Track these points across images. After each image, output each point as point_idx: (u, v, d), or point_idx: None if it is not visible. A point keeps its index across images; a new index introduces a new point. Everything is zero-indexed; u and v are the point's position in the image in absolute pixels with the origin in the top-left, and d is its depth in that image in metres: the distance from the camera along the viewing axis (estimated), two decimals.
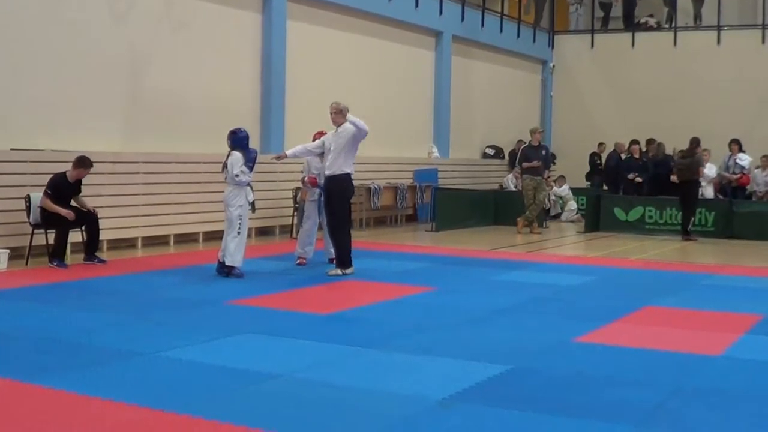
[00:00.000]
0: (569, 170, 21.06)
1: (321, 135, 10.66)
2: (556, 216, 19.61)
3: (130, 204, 12.42)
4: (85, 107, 12.35)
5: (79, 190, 10.71)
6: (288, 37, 15.58)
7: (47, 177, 10.51)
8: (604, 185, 19.61)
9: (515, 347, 6.59)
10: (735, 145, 18.60)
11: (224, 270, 9.88)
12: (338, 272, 10.15)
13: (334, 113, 10.18)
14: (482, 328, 7.37)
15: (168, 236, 13.12)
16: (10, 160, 11.05)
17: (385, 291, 9.24)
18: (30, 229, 10.64)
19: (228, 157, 9.94)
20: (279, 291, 9.13)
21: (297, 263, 11.02)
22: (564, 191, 19.71)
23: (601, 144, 21.24)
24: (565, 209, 19.62)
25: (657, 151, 18.59)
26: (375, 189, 16.49)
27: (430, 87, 20.15)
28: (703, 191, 16.99)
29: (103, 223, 11.19)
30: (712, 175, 18.10)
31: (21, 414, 4.77)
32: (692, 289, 9.81)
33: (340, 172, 10.13)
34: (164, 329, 7.02)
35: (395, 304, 8.51)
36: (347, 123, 10.16)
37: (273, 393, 5.27)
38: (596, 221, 16.87)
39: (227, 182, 9.98)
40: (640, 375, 5.80)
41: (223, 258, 9.87)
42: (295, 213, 14.02)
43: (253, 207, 10.17)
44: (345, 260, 10.23)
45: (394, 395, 5.22)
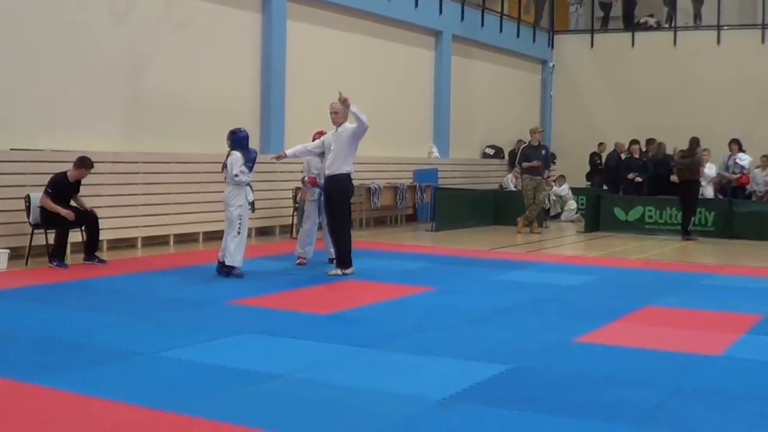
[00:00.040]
0: (569, 170, 21.06)
1: (321, 135, 10.66)
2: (556, 216, 19.61)
3: (130, 204, 12.42)
4: (85, 107, 12.36)
5: (78, 190, 10.72)
6: (288, 37, 15.58)
7: (47, 177, 10.52)
8: (604, 185, 19.62)
9: (515, 347, 6.59)
10: (735, 145, 18.61)
11: (224, 270, 9.88)
12: (338, 272, 10.16)
13: (334, 113, 10.20)
14: (482, 328, 7.37)
15: (168, 236, 13.12)
16: (10, 160, 11.06)
17: (385, 291, 9.24)
18: (30, 229, 10.65)
19: (228, 157, 9.94)
20: (279, 291, 9.13)
21: (297, 263, 11.02)
22: (564, 191, 19.71)
23: (602, 144, 21.26)
24: (565, 209, 19.61)
25: (657, 151, 18.59)
26: (375, 189, 16.49)
27: (430, 87, 20.15)
28: (703, 191, 16.99)
29: (103, 223, 11.19)
30: (712, 175, 18.11)
31: (21, 414, 4.77)
32: (692, 289, 9.81)
33: (340, 172, 10.13)
34: (164, 329, 7.02)
35: (395, 304, 8.51)
36: (347, 123, 10.18)
37: (273, 393, 5.27)
38: (596, 221, 16.86)
39: (227, 182, 9.98)
40: (640, 375, 5.80)
41: (223, 258, 9.87)
42: (295, 213, 14.02)
43: (253, 207, 10.17)
44: (345, 260, 10.23)
45: (394, 395, 5.22)
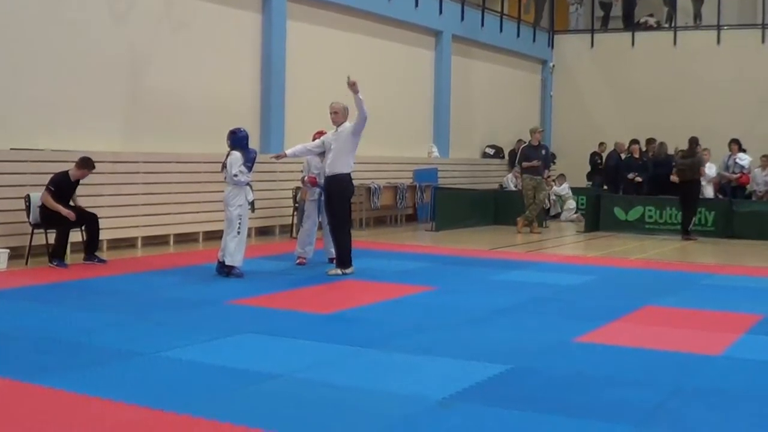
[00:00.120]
0: (569, 170, 21.06)
1: (321, 135, 10.66)
2: (556, 216, 19.61)
3: (130, 204, 12.42)
4: (85, 107, 12.36)
5: (75, 190, 10.74)
6: (288, 37, 15.58)
7: (47, 177, 10.52)
8: (605, 185, 19.61)
9: (515, 347, 6.59)
10: (735, 145, 18.62)
11: (224, 270, 9.88)
12: (338, 272, 10.16)
13: (334, 113, 10.20)
14: (482, 328, 7.37)
15: (168, 236, 13.12)
16: (10, 160, 11.06)
17: (385, 291, 9.24)
18: (30, 229, 10.65)
19: (227, 157, 9.94)
20: (279, 291, 9.12)
21: (297, 263, 11.02)
22: (563, 190, 19.70)
23: (602, 144, 21.27)
24: (564, 208, 19.61)
25: (659, 151, 18.59)
26: (375, 189, 16.49)
27: (430, 87, 20.15)
28: (703, 191, 16.99)
29: (103, 223, 11.19)
30: (712, 175, 18.11)
31: (21, 414, 4.77)
32: (692, 289, 9.81)
33: (341, 172, 10.13)
34: (164, 329, 7.02)
35: (395, 304, 8.51)
36: (347, 122, 10.18)
37: (273, 393, 5.27)
38: (596, 221, 16.87)
39: (227, 182, 9.98)
40: (640, 375, 5.80)
41: (223, 258, 9.87)
42: (295, 213, 14.02)
43: (253, 207, 10.16)
44: (345, 260, 10.23)
45: (394, 395, 5.22)
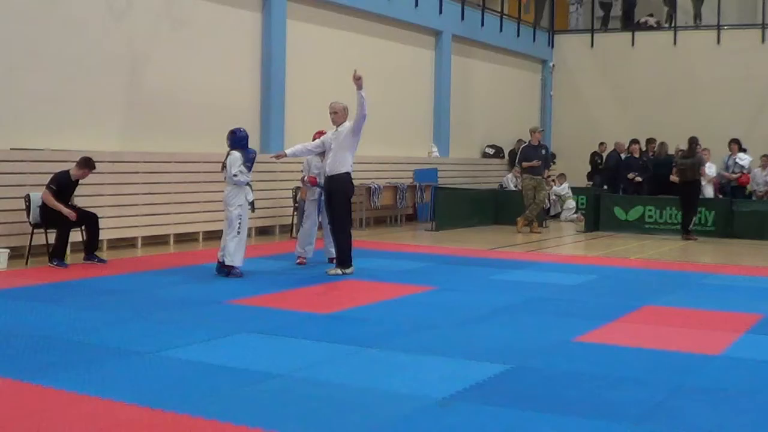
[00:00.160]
0: (569, 170, 21.06)
1: (321, 134, 10.65)
2: (556, 215, 19.61)
3: (130, 204, 12.43)
4: (85, 107, 12.36)
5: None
6: (288, 37, 15.58)
7: (47, 177, 10.52)
8: (605, 185, 19.60)
9: (515, 346, 6.59)
10: (735, 145, 18.62)
11: (224, 270, 9.88)
12: (338, 271, 10.16)
13: (334, 113, 10.21)
14: (482, 328, 7.37)
15: (168, 236, 13.12)
16: (10, 160, 11.06)
17: (385, 290, 9.24)
18: (30, 229, 10.65)
19: (227, 157, 9.94)
20: (279, 290, 9.13)
21: (297, 263, 11.03)
22: (563, 189, 19.69)
23: (602, 143, 21.28)
24: (564, 208, 19.61)
25: (660, 151, 18.59)
26: (375, 188, 16.49)
27: (430, 86, 20.16)
28: (703, 191, 16.99)
29: (103, 223, 11.20)
30: (712, 175, 18.11)
31: (20, 413, 4.78)
32: (692, 289, 9.81)
33: (341, 172, 10.13)
34: (164, 328, 7.03)
35: (395, 304, 8.51)
36: (347, 122, 10.19)
37: (273, 392, 5.27)
38: (596, 221, 16.87)
39: (227, 182, 9.98)
40: (640, 374, 5.80)
41: (223, 258, 9.87)
42: (295, 212, 14.02)
43: (253, 207, 10.16)
44: (345, 260, 10.23)
45: (394, 394, 5.22)
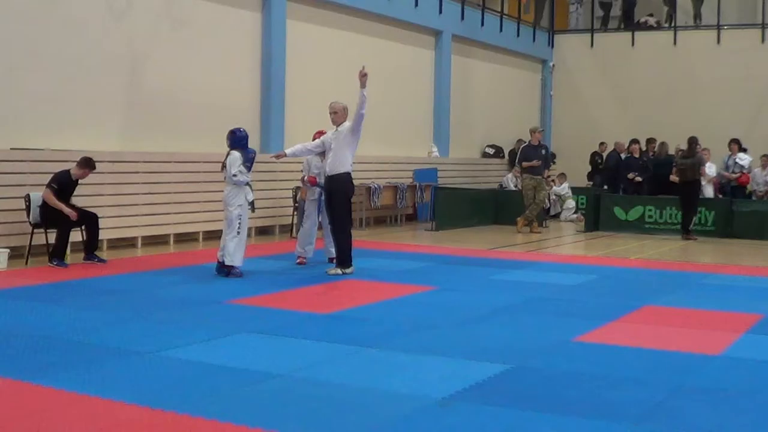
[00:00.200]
0: (569, 170, 21.06)
1: (321, 134, 10.65)
2: (556, 215, 19.60)
3: (130, 204, 12.43)
4: (85, 106, 12.36)
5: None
6: (288, 37, 15.59)
7: (47, 177, 10.52)
8: (605, 185, 19.60)
9: (515, 346, 6.60)
10: (735, 145, 18.61)
11: (224, 270, 9.88)
12: (338, 271, 10.16)
13: (333, 113, 10.21)
14: (482, 328, 7.37)
15: (168, 236, 13.12)
16: (10, 160, 11.06)
17: (385, 290, 9.24)
18: (30, 229, 10.65)
19: (227, 157, 9.94)
20: (279, 290, 9.13)
21: (297, 262, 11.03)
22: (563, 189, 19.69)
23: (603, 143, 21.27)
24: (564, 208, 19.60)
25: (660, 151, 18.58)
26: (375, 188, 16.49)
27: (430, 86, 20.16)
28: (703, 191, 17.00)
29: (103, 223, 11.20)
30: (712, 175, 18.11)
31: (20, 413, 4.78)
32: (692, 289, 9.81)
33: (341, 172, 10.13)
34: (164, 328, 7.03)
35: (395, 304, 8.51)
36: (347, 122, 10.19)
37: (273, 392, 5.27)
38: (596, 221, 16.87)
39: (226, 182, 9.98)
40: (640, 374, 5.80)
41: (222, 258, 9.87)
42: (295, 212, 14.02)
43: (253, 207, 10.16)
44: (345, 259, 10.23)
45: (394, 394, 5.22)
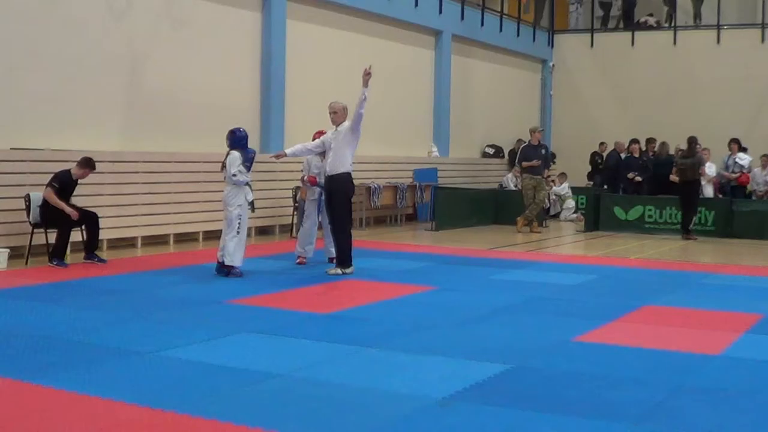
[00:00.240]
0: (569, 169, 21.06)
1: (321, 134, 10.65)
2: (556, 215, 19.60)
3: (130, 204, 12.43)
4: (85, 106, 12.36)
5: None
6: (288, 37, 15.58)
7: (47, 177, 10.52)
8: (605, 185, 19.59)
9: (515, 346, 6.60)
10: (735, 145, 18.62)
11: (224, 269, 9.88)
12: (338, 271, 10.16)
13: (333, 113, 10.21)
14: (482, 327, 7.37)
15: (168, 236, 13.12)
16: (10, 160, 11.06)
17: (385, 290, 9.24)
18: (30, 229, 10.65)
19: (227, 157, 9.94)
20: (279, 290, 9.13)
21: (297, 262, 11.03)
22: (563, 189, 19.68)
23: (603, 143, 21.27)
24: (563, 207, 19.60)
25: (660, 151, 18.58)
26: (375, 188, 16.49)
27: (430, 86, 20.15)
28: (703, 191, 17.00)
29: (103, 223, 11.20)
30: (712, 175, 18.11)
31: (20, 413, 4.78)
32: (692, 288, 9.82)
33: (341, 172, 10.13)
34: (164, 328, 7.03)
35: (395, 304, 8.51)
36: (346, 121, 10.19)
37: (273, 392, 5.28)
38: (596, 220, 16.87)
39: (226, 182, 9.98)
40: (640, 374, 5.81)
41: (222, 258, 9.86)
42: (295, 212, 14.02)
43: (253, 206, 10.16)
44: (345, 259, 10.23)
45: (394, 394, 5.22)
